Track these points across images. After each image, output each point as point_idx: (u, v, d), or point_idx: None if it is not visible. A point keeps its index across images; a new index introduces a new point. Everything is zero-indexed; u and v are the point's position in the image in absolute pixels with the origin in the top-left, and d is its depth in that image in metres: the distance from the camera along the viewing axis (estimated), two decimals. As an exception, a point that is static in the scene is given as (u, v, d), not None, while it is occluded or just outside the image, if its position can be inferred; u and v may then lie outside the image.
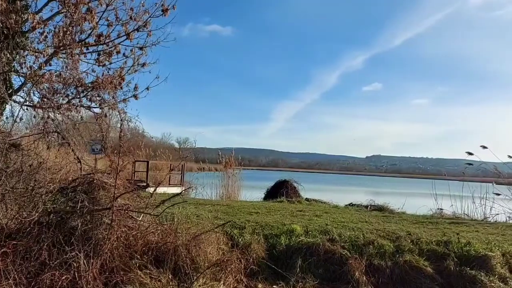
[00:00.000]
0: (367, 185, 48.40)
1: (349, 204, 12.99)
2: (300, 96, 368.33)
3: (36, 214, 4.83)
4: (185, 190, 11.77)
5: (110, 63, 7.27)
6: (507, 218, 11.76)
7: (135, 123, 6.53)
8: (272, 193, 14.00)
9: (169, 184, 16.76)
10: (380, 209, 11.77)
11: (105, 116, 6.97)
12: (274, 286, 5.33)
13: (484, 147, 12.41)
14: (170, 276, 4.99)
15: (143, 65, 7.39)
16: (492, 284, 5.09)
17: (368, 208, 11.89)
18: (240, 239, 5.97)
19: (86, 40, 7.08)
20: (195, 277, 5.04)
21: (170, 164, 19.14)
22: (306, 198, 13.79)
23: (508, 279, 5.24)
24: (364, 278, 5.43)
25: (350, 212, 9.70)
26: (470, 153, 12.72)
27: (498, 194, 12.18)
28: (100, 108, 7.03)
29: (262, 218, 7.42)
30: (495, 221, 10.83)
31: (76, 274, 4.56)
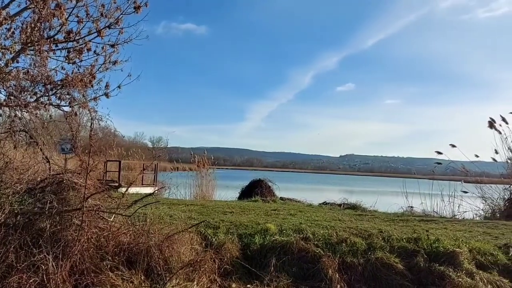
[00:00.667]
0: (340, 184, 49.13)
1: (323, 203, 13.14)
2: (275, 95, 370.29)
3: (2, 216, 4.67)
4: (158, 190, 11.60)
5: (81, 61, 7.08)
6: (474, 215, 12.17)
7: (106, 122, 6.37)
8: (247, 193, 14.02)
9: (142, 184, 16.53)
10: (353, 207, 11.96)
11: (75, 115, 6.79)
12: (248, 286, 5.33)
13: (453, 146, 12.81)
14: (142, 277, 4.92)
15: (115, 63, 7.22)
16: (460, 280, 5.23)
17: (342, 206, 12.07)
18: (214, 239, 5.94)
19: (55, 37, 6.87)
20: (168, 278, 4.99)
21: (143, 164, 18.89)
22: (280, 197, 13.88)
23: (474, 274, 5.40)
24: (337, 276, 5.49)
25: (323, 211, 9.80)
26: (439, 152, 13.11)
27: (466, 192, 12.59)
28: (70, 107, 6.84)
29: (237, 218, 7.41)
30: (463, 218, 11.17)
31: (45, 277, 4.44)
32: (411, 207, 12.11)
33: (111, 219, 5.26)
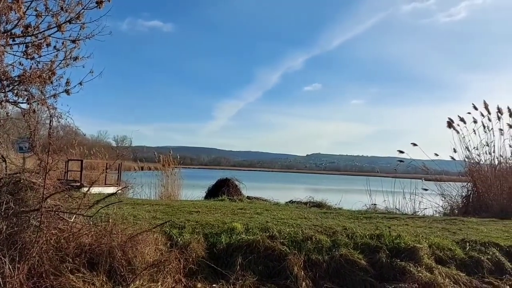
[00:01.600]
0: (307, 182, 49.80)
1: (290, 202, 13.28)
2: (243, 94, 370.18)
3: (-47, 218, 4.43)
4: (121, 189, 11.36)
5: (40, 56, 6.79)
6: (434, 212, 12.66)
7: (66, 119, 6.14)
8: (214, 192, 13.96)
9: (105, 184, 16.16)
10: (319, 205, 12.17)
11: (34, 112, 6.51)
12: (214, 285, 5.30)
13: (414, 145, 13.25)
14: (104, 279, 4.80)
15: (76, 59, 6.97)
16: (420, 274, 5.40)
17: (308, 204, 12.24)
18: (179, 239, 5.87)
19: (13, 31, 6.58)
20: (131, 279, 4.89)
21: (106, 163, 18.41)
22: (247, 196, 13.90)
23: (433, 268, 5.59)
24: (302, 273, 5.55)
25: (290, 209, 9.89)
26: (401, 151, 13.52)
27: (426, 190, 13.07)
28: (28, 104, 6.55)
29: (203, 217, 7.35)
30: (424, 215, 11.58)
31: (0, 280, 4.25)
32: (375, 204, 12.45)
33: (72, 220, 5.10)
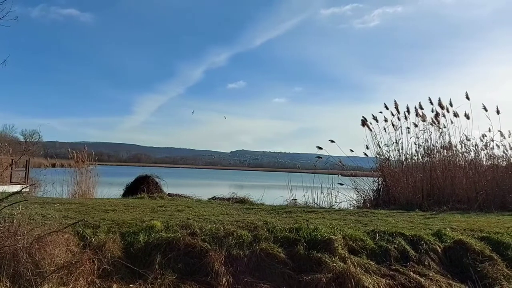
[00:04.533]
0: (231, 179, 50.07)
1: (212, 198, 13.23)
2: (165, 89, 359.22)
3: None
4: (26, 187, 10.46)
5: None
6: (349, 205, 13.39)
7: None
8: (132, 190, 13.42)
9: (11, 182, 14.85)
10: (242, 201, 12.26)
11: None
12: (130, 285, 5.08)
13: (332, 141, 13.88)
14: (8, 284, 4.43)
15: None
16: (334, 264, 5.65)
17: (230, 201, 12.28)
18: (93, 239, 5.55)
19: None
20: (38, 283, 4.54)
21: (12, 159, 16.87)
22: (168, 193, 13.58)
23: (347, 258, 5.88)
24: (223, 269, 5.54)
25: (212, 206, 9.85)
26: (320, 148, 14.08)
27: (342, 184, 13.79)
28: None
29: (120, 216, 7.03)
30: (339, 208, 12.19)
31: None
32: (295, 199, 12.85)
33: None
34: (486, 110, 13.38)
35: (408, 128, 13.97)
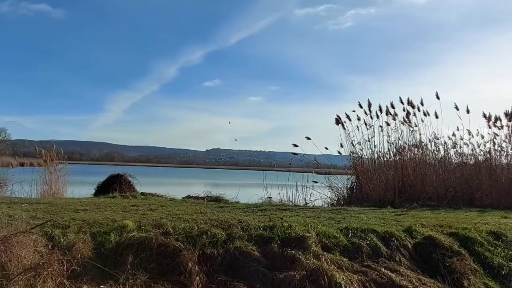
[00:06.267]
0: (206, 177, 49.77)
1: (187, 197, 13.07)
2: (138, 86, 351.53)
3: None
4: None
5: None
6: (323, 202, 13.55)
7: None
8: (104, 189, 13.11)
9: (-24, 182, 14.25)
10: (216, 199, 12.18)
11: None
12: (101, 286, 4.96)
13: (308, 138, 13.98)
14: (-30, 289, 4.23)
15: None
16: (308, 261, 5.68)
17: (205, 199, 12.18)
18: (62, 239, 5.39)
19: None
20: (5, 285, 4.39)
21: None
22: (141, 192, 13.33)
23: (320, 255, 5.92)
24: (197, 268, 5.48)
25: (186, 204, 9.75)
26: (295, 145, 14.16)
27: (316, 182, 13.94)
28: None
29: (90, 215, 6.87)
30: (313, 205, 12.30)
31: None
32: (270, 197, 12.88)
33: None
34: (458, 109, 13.77)
35: (381, 126, 14.23)
